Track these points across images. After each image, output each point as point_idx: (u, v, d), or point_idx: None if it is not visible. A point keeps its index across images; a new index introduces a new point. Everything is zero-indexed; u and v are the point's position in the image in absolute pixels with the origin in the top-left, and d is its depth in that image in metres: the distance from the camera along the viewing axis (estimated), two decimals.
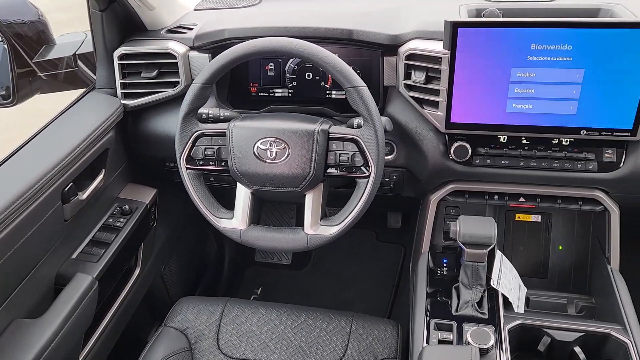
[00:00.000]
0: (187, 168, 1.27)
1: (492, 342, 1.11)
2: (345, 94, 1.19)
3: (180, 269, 1.95)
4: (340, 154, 1.21)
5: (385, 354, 1.35)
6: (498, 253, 1.36)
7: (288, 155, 1.20)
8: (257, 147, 1.21)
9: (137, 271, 1.60)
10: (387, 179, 1.49)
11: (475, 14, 1.38)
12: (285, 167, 1.21)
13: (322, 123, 1.22)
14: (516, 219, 1.50)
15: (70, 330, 1.23)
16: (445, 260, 1.42)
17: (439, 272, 1.40)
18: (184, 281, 1.98)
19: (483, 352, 1.11)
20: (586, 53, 1.16)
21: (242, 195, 1.28)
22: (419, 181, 1.45)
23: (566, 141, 1.30)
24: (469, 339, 1.12)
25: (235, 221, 1.27)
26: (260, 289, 2.22)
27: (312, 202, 1.24)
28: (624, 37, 1.13)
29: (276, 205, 2.36)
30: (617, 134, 1.23)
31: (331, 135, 1.21)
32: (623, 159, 1.27)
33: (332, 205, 1.42)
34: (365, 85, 1.18)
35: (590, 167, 1.29)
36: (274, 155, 1.21)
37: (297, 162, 1.20)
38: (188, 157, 1.26)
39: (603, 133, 1.24)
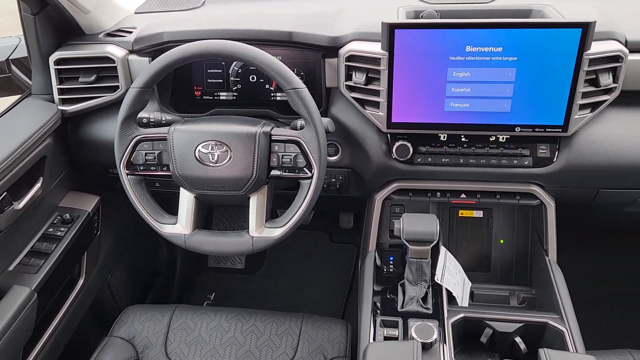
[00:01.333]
0: (127, 174, 1.25)
1: (435, 336, 1.14)
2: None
3: (129, 277, 1.91)
4: (282, 155, 1.21)
5: (335, 353, 1.36)
6: (442, 249, 1.40)
7: (230, 158, 1.20)
8: (199, 150, 1.20)
9: (80, 281, 1.55)
10: (333, 180, 1.50)
11: (413, 15, 1.41)
12: (228, 170, 1.20)
13: (264, 125, 1.22)
14: (459, 215, 1.54)
15: (7, 345, 1.19)
16: (391, 258, 1.45)
17: (385, 270, 1.42)
18: (133, 290, 1.94)
19: (427, 346, 1.14)
20: (517, 52, 1.20)
21: (186, 200, 1.26)
22: (364, 181, 1.47)
23: (503, 138, 1.34)
24: (413, 334, 1.14)
25: (179, 226, 1.26)
26: (213, 294, 2.20)
27: (256, 204, 1.24)
28: (552, 37, 1.18)
29: (232, 208, 2.35)
30: (549, 130, 1.28)
31: (273, 137, 1.21)
32: (556, 154, 1.33)
33: (283, 207, 1.42)
34: (305, 87, 1.18)
35: (525, 163, 1.33)
36: (215, 158, 1.20)
37: (239, 165, 1.20)
38: (128, 163, 1.24)
39: (536, 129, 1.28)
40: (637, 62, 1.26)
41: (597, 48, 1.20)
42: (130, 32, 1.47)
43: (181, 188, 1.26)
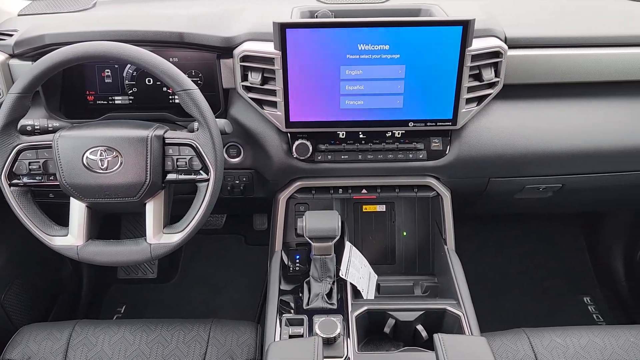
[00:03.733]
0: (10, 185, 1.17)
1: (338, 330, 1.15)
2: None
3: (27, 294, 1.79)
4: (177, 159, 1.18)
5: (245, 357, 1.34)
6: (347, 244, 1.42)
7: (121, 164, 1.15)
8: (87, 157, 1.15)
9: None
10: (237, 182, 1.49)
11: (308, 15, 1.43)
12: (119, 176, 1.16)
13: (156, 129, 1.19)
14: (363, 210, 1.58)
15: None
16: (297, 257, 1.46)
17: (291, 268, 1.43)
18: (32, 308, 1.83)
19: (330, 341, 1.15)
20: (404, 50, 1.25)
21: (77, 209, 1.20)
22: (267, 181, 1.47)
23: (398, 133, 1.38)
24: (317, 330, 1.15)
25: (70, 238, 1.20)
26: (124, 307, 2.12)
27: (153, 210, 1.20)
28: (435, 35, 1.23)
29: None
30: (440, 124, 1.34)
31: (167, 141, 1.18)
32: (448, 147, 1.39)
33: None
34: (196, 88, 1.16)
35: (420, 156, 1.39)
36: (105, 165, 1.15)
37: (131, 171, 1.16)
38: (10, 173, 1.17)
39: (428, 124, 1.34)
40: (516, 57, 1.34)
41: (478, 44, 1.27)
42: (11, 35, 1.38)
43: (71, 197, 1.20)
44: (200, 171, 1.18)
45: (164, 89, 1.45)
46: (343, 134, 1.38)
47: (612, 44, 1.39)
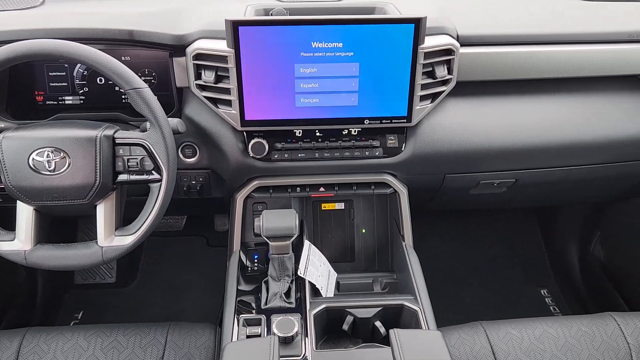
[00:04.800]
0: None
1: (296, 329, 1.15)
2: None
3: None
4: (128, 159, 1.16)
5: (203, 359, 1.33)
6: (306, 243, 1.42)
7: (69, 165, 1.12)
8: (33, 158, 1.11)
9: None
10: (193, 182, 1.47)
11: (263, 13, 1.42)
12: (67, 178, 1.12)
13: (105, 128, 1.16)
14: (322, 208, 1.57)
15: None
16: (256, 256, 1.45)
17: (250, 268, 1.42)
18: None
19: (288, 340, 1.15)
20: (359, 48, 1.25)
21: (24, 213, 1.16)
22: (224, 181, 1.45)
23: (354, 131, 1.38)
24: (274, 330, 1.15)
25: (17, 242, 1.16)
26: (81, 312, 2.07)
27: (104, 212, 1.18)
28: (388, 32, 1.24)
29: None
30: (395, 121, 1.35)
31: (117, 141, 1.16)
32: (404, 144, 1.40)
33: None
34: (146, 86, 1.14)
35: (377, 154, 1.39)
36: (53, 166, 1.12)
37: (80, 172, 1.12)
38: None
39: (383, 121, 1.34)
40: (469, 54, 1.36)
41: (430, 42, 1.28)
42: None
43: (18, 201, 1.16)
44: (153, 171, 1.16)
45: (116, 88, 1.42)
46: (299, 132, 1.37)
47: (562, 42, 1.43)
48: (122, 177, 1.17)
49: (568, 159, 1.50)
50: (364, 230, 1.58)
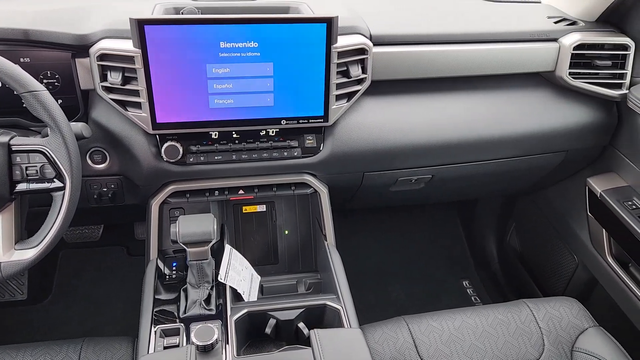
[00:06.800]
0: None
1: (216, 336, 1.11)
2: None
3: None
4: (27, 167, 1.08)
5: None
6: (227, 247, 1.38)
7: None
8: None
9: None
10: (105, 189, 1.40)
11: (172, 12, 1.37)
12: None
13: (0, 135, 1.08)
14: (244, 211, 1.55)
15: None
16: (174, 264, 1.39)
17: (168, 277, 1.37)
18: None
19: (208, 348, 1.10)
20: (273, 47, 1.23)
21: None
22: (137, 187, 1.39)
23: (272, 132, 1.37)
24: (193, 339, 1.10)
25: None
26: None
27: (1, 225, 1.09)
28: (301, 32, 1.23)
29: None
30: (312, 121, 1.34)
31: (13, 148, 1.08)
32: (322, 144, 1.40)
33: None
34: (44, 89, 1.07)
35: (295, 154, 1.38)
36: None
37: None
38: None
39: (300, 121, 1.34)
40: (382, 54, 1.38)
41: (343, 42, 1.29)
42: None
43: None
44: (55, 179, 1.09)
45: (16, 92, 1.32)
46: (215, 134, 1.34)
47: (470, 41, 1.48)
48: (21, 186, 1.09)
49: (480, 154, 1.55)
50: (286, 232, 1.57)
